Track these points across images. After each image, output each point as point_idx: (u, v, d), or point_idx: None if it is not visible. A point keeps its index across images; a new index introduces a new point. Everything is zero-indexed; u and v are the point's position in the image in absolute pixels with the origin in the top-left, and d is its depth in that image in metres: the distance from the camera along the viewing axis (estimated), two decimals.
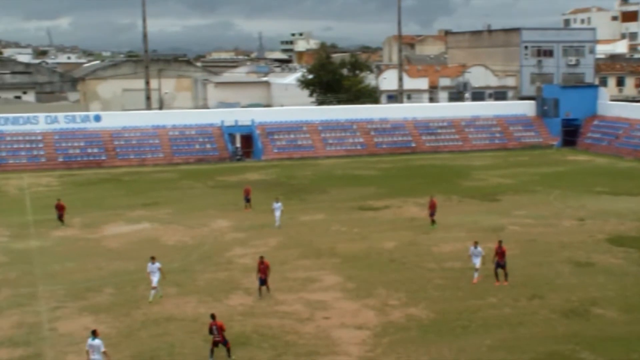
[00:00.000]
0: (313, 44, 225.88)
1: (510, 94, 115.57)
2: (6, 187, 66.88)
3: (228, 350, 27.96)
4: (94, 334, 26.06)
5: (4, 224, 51.68)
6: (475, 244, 37.38)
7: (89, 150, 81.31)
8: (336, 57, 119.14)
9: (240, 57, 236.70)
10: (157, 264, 34.88)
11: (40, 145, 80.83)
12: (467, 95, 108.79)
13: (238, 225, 50.35)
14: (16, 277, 39.20)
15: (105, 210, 55.70)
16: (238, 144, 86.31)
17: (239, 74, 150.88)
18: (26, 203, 59.67)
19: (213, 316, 28.24)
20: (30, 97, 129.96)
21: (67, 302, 34.89)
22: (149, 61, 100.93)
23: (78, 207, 56.17)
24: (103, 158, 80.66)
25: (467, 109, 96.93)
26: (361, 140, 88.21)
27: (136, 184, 68.61)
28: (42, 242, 46.61)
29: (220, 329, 27.86)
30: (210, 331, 27.93)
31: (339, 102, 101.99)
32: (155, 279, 34.68)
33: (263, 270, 34.87)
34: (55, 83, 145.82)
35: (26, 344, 29.74)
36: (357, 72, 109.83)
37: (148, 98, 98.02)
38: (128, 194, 63.08)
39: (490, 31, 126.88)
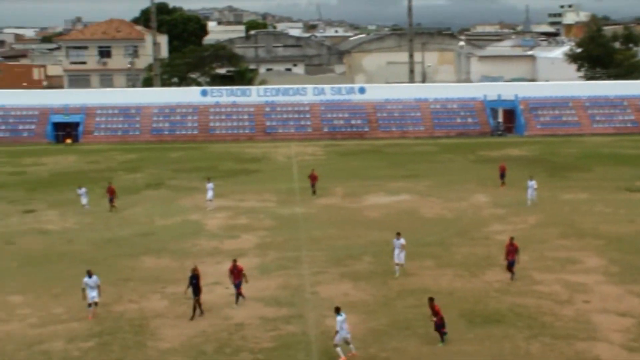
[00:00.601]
0: (583, 17, 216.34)
1: None
2: (275, 155, 70.47)
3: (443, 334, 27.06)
4: (338, 310, 25.94)
5: (272, 190, 54.60)
6: None
7: (353, 122, 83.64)
8: (607, 29, 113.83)
9: (505, 30, 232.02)
10: (402, 240, 34.80)
11: (307, 115, 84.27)
12: None
13: (497, 200, 49.69)
14: (282, 241, 41.35)
15: (366, 181, 57.09)
16: (500, 119, 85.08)
17: (503, 47, 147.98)
18: (293, 171, 62.52)
19: (431, 299, 27.40)
20: (299, 69, 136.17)
21: (328, 267, 36.28)
22: (413, 35, 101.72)
23: (340, 177, 58.10)
24: (366, 129, 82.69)
25: None
26: (632, 117, 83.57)
27: (397, 156, 69.65)
28: (306, 209, 48.72)
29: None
30: (442, 320, 26.82)
31: (609, 77, 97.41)
32: (401, 255, 34.57)
33: (511, 252, 33.68)
34: (322, 56, 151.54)
35: (290, 305, 31.30)
36: (631, 45, 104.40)
37: (411, 71, 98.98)
38: (389, 166, 64.24)
39: None
